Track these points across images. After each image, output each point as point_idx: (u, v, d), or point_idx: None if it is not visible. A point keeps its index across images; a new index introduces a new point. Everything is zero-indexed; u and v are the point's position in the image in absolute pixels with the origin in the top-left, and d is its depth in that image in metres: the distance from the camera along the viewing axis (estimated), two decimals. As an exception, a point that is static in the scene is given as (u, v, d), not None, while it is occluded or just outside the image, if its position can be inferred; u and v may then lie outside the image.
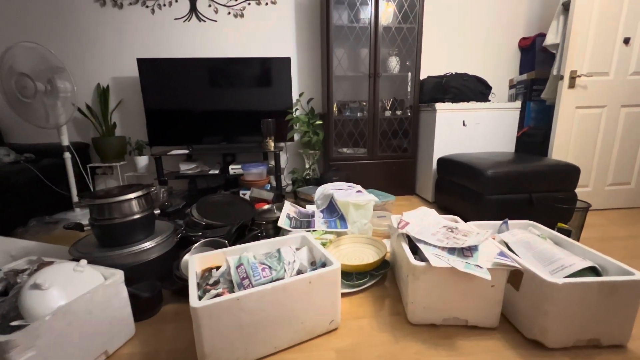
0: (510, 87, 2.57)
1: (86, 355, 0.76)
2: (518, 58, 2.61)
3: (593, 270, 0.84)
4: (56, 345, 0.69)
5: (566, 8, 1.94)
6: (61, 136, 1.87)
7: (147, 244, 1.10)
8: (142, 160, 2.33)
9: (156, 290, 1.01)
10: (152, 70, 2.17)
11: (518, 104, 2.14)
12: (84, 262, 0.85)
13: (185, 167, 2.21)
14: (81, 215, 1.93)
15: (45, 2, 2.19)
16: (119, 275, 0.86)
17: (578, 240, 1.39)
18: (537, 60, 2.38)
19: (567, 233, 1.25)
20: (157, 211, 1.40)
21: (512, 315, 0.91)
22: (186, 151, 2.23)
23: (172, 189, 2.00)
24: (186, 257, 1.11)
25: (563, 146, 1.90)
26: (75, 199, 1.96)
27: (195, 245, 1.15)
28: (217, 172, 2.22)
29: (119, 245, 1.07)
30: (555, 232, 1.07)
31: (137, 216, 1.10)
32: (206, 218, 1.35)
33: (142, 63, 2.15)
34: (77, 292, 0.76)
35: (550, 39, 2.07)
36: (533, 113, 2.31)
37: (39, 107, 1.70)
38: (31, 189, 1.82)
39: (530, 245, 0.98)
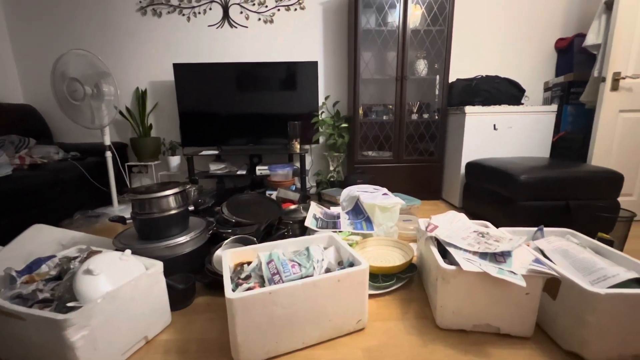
0: (546, 89, 2.46)
1: (129, 338, 0.82)
2: (554, 60, 2.50)
3: (638, 283, 0.80)
4: (105, 326, 0.75)
5: (609, 7, 1.84)
6: (104, 136, 2.01)
7: (182, 239, 1.16)
8: (175, 160, 2.45)
9: (190, 282, 1.06)
10: (186, 74, 2.29)
11: (554, 107, 2.05)
12: (128, 252, 0.91)
13: (215, 167, 2.30)
14: (119, 211, 2.06)
15: (92, 12, 2.37)
16: (159, 266, 0.92)
17: (621, 252, 1.30)
18: (576, 62, 2.26)
19: (609, 243, 1.18)
20: (191, 208, 1.48)
21: (548, 325, 0.87)
22: (215, 152, 2.32)
23: (202, 188, 2.08)
24: (218, 252, 1.16)
25: (604, 152, 1.80)
26: (115, 195, 2.10)
27: (226, 241, 1.19)
28: (244, 172, 2.30)
29: (157, 239, 1.14)
30: (596, 242, 1.02)
31: (173, 211, 1.16)
32: (236, 216, 1.40)
33: (178, 68, 2.27)
34: (122, 279, 0.83)
35: (591, 39, 1.97)
36: (570, 117, 2.20)
37: (86, 110, 1.85)
38: (76, 185, 1.97)
39: (569, 253, 0.94)
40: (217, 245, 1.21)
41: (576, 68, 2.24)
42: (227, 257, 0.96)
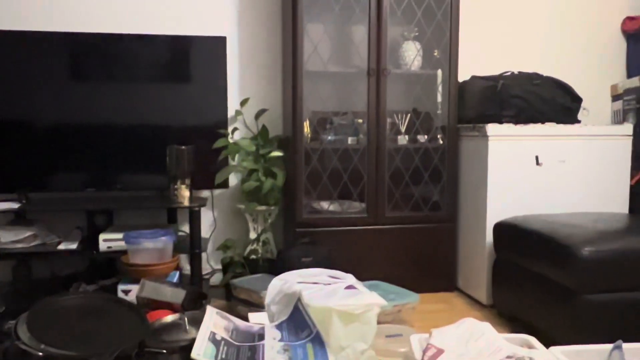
0: (614, 98, 2.78)
1: None
2: (623, 50, 2.88)
3: None
4: None
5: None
6: None
7: None
8: None
9: None
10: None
11: (628, 127, 2.31)
12: None
13: (11, 237, 2.17)
14: None
15: None
16: None
17: None
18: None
19: None
20: (-57, 329, 1.38)
21: None
22: (14, 205, 2.20)
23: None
24: None
25: None
26: None
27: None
28: (74, 246, 2.19)
29: None
30: None
31: None
32: (47, 343, 1.31)
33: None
34: None
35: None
36: (656, 144, 2.49)
37: None
38: None
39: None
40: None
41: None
42: None
